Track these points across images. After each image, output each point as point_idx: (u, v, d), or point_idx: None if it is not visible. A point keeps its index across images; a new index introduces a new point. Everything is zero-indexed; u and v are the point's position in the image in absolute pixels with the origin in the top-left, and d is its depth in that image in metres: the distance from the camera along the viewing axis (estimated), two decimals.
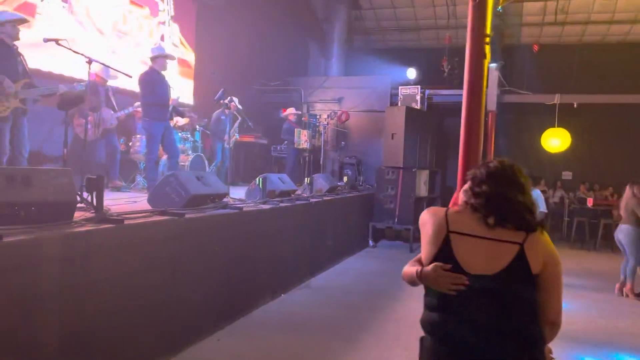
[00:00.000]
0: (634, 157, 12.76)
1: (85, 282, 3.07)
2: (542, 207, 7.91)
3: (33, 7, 6.81)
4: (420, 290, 1.98)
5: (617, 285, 6.80)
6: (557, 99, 12.12)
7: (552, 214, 11.76)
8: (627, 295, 6.64)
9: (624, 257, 6.72)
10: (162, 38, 9.30)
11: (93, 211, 3.52)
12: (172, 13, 9.32)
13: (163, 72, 6.59)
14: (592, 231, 10.96)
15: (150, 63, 6.65)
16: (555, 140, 12.29)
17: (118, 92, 7.53)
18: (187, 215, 4.13)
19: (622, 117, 12.93)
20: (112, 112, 6.92)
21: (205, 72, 10.27)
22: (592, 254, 10.28)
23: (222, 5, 10.65)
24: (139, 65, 8.09)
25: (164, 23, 9.44)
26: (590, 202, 11.14)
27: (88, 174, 3.82)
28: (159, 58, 6.53)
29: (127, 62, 7.91)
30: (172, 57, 6.74)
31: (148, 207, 4.40)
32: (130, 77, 5.30)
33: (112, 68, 5.46)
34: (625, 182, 6.86)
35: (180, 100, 8.11)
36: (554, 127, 12.25)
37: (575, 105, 12.08)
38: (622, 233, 6.62)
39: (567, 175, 13.95)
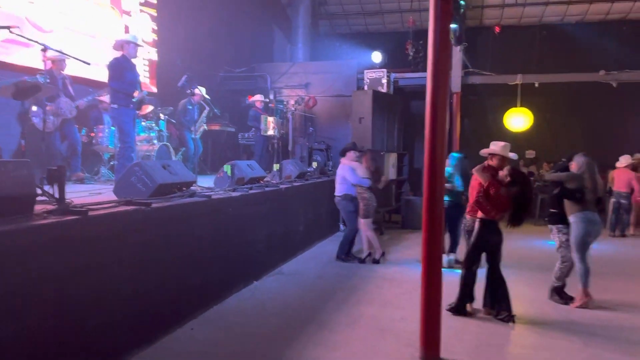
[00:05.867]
0: (593, 134, 13.11)
1: (49, 276, 2.99)
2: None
3: None
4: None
5: None
6: (519, 79, 12.39)
7: None
8: None
9: None
10: (126, 29, 8.95)
11: (55, 204, 3.42)
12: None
13: (133, 61, 6.42)
14: None
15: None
16: (518, 120, 12.56)
17: (76, 81, 7.27)
18: (153, 205, 4.05)
19: (582, 95, 13.24)
20: (71, 101, 6.69)
21: (168, 59, 10.05)
22: None
23: None
24: (97, 54, 7.86)
25: (129, 13, 9.11)
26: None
27: (48, 166, 3.69)
28: (129, 44, 6.33)
29: (85, 51, 7.64)
30: (140, 45, 6.57)
31: (114, 198, 4.30)
32: (88, 64, 5.14)
33: (68, 55, 5.28)
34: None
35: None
36: (517, 107, 12.52)
37: (536, 85, 12.38)
38: None
39: (530, 153, 14.25)
